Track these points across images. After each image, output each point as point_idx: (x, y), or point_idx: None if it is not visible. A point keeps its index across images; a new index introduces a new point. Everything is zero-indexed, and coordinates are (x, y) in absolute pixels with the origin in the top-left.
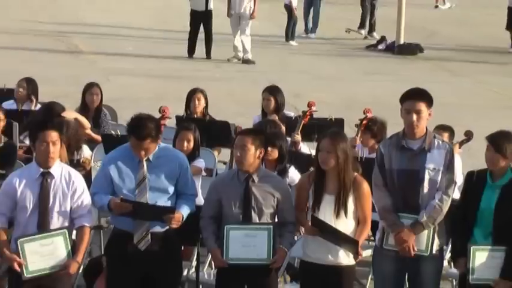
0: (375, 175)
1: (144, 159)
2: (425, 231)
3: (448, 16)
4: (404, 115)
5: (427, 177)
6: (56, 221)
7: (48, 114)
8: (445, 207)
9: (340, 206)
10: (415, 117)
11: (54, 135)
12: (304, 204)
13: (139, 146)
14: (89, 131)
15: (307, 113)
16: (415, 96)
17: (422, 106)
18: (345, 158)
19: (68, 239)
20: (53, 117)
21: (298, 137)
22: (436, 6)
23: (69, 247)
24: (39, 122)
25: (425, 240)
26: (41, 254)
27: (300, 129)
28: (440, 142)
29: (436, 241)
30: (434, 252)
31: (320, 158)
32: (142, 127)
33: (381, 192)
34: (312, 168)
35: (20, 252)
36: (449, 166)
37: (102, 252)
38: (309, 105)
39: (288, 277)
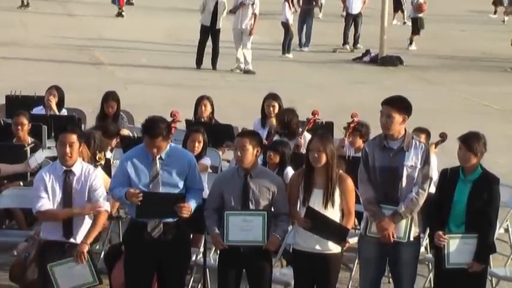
0: (360, 171)
1: (157, 157)
2: (404, 221)
3: (424, 32)
4: (380, 118)
5: (405, 173)
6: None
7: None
8: (421, 200)
9: (328, 198)
10: (385, 120)
11: (71, 137)
12: (295, 198)
13: (152, 144)
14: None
15: (311, 120)
16: (388, 103)
17: (393, 112)
18: (332, 156)
19: (91, 265)
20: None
21: (301, 140)
22: (404, 23)
23: (95, 271)
24: (64, 127)
25: (404, 228)
26: (68, 275)
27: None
28: (417, 142)
29: (413, 229)
30: (411, 239)
31: (311, 157)
32: (155, 127)
33: (365, 186)
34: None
35: (51, 276)
36: (425, 164)
37: (121, 240)
38: (313, 113)
39: (284, 262)
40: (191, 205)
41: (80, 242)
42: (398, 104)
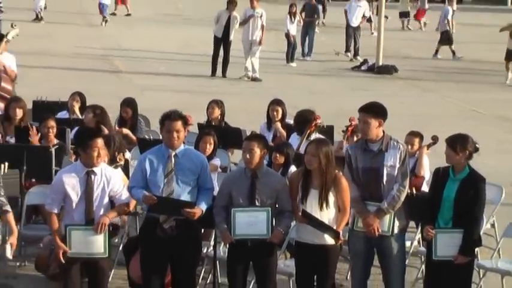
0: (345, 172)
1: (172, 155)
2: (387, 216)
3: (417, 43)
4: (359, 125)
5: (385, 172)
6: (98, 210)
7: None
8: (402, 196)
9: (323, 200)
10: (362, 126)
11: (99, 142)
12: (295, 193)
13: (173, 127)
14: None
15: (313, 124)
16: (364, 110)
17: (368, 118)
18: (326, 161)
19: (108, 237)
20: None
21: (306, 142)
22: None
23: (107, 242)
24: (89, 131)
25: (387, 223)
26: (84, 241)
27: (306, 136)
28: (395, 143)
29: (397, 223)
30: (396, 232)
31: (306, 159)
32: (174, 112)
33: (351, 186)
34: None
35: (67, 236)
36: (403, 162)
37: (138, 233)
38: (315, 118)
39: (288, 254)
40: (202, 207)
41: (102, 214)
42: (373, 110)
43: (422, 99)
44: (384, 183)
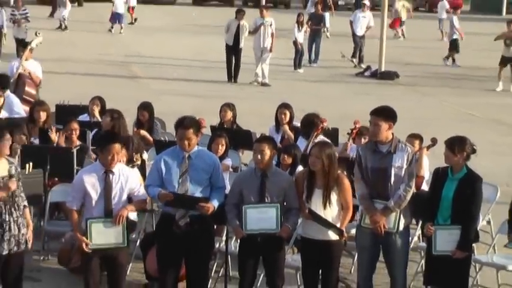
0: (355, 171)
1: (186, 156)
2: (393, 214)
3: (417, 51)
4: (369, 127)
5: (393, 173)
6: (117, 207)
7: None
8: (408, 195)
9: (326, 199)
10: (373, 128)
11: (117, 147)
12: (301, 191)
13: (184, 135)
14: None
15: (319, 127)
16: (375, 113)
17: (379, 121)
18: (329, 162)
19: (125, 226)
20: None
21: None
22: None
23: (126, 233)
24: (107, 136)
25: (393, 221)
26: (103, 233)
27: (313, 139)
28: (403, 146)
29: (402, 221)
30: (401, 229)
31: (310, 161)
32: (187, 120)
33: (359, 184)
34: None
35: (88, 229)
36: (410, 164)
37: (154, 229)
38: (321, 121)
39: (295, 249)
40: (214, 204)
41: (122, 207)
42: (385, 113)
43: (422, 103)
44: (392, 183)
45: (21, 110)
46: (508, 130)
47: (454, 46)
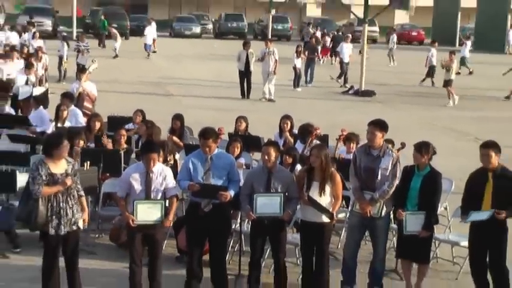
0: (350, 169)
1: (209, 157)
2: (378, 203)
3: (391, 74)
4: (367, 135)
5: (380, 172)
6: (155, 198)
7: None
8: (391, 191)
9: (322, 189)
10: (370, 136)
11: (154, 156)
12: (301, 185)
13: (205, 144)
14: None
15: (313, 134)
16: (373, 124)
17: (376, 130)
18: (326, 161)
19: (163, 207)
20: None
21: (309, 147)
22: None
23: (163, 212)
24: (147, 146)
25: (378, 208)
26: (146, 211)
27: (308, 143)
28: (390, 151)
29: (384, 209)
30: (383, 215)
31: (311, 159)
32: (207, 132)
33: (354, 179)
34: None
35: (134, 208)
36: (394, 166)
37: (184, 214)
38: (315, 129)
39: (295, 229)
40: (231, 193)
41: (165, 219)
42: (380, 124)
43: (394, 115)
44: (378, 180)
45: (82, 120)
46: (460, 136)
47: (431, 72)
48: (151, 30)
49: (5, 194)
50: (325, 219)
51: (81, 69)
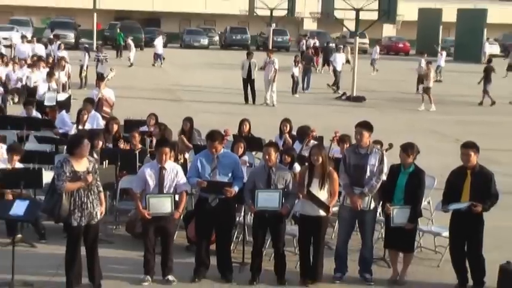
0: (341, 166)
1: (215, 156)
2: (366, 197)
3: (379, 82)
4: (354, 135)
5: (368, 169)
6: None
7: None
8: (378, 185)
9: (321, 185)
10: (358, 136)
11: (167, 150)
12: (303, 182)
13: (212, 146)
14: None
15: (310, 135)
16: (360, 125)
17: (363, 131)
18: (325, 159)
19: (172, 200)
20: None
21: (306, 147)
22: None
23: (173, 204)
24: (160, 141)
25: (366, 202)
26: (158, 204)
27: (305, 143)
28: (376, 150)
29: (373, 202)
30: (371, 208)
31: (312, 158)
32: (214, 135)
33: (344, 175)
34: (306, 164)
35: (147, 201)
36: (380, 163)
37: (193, 207)
38: (312, 131)
39: (292, 222)
40: (235, 189)
41: (176, 211)
42: (367, 126)
43: (382, 119)
44: (366, 176)
45: (101, 123)
46: (441, 138)
47: (421, 80)
48: (160, 42)
49: (32, 189)
50: (322, 212)
51: (100, 78)
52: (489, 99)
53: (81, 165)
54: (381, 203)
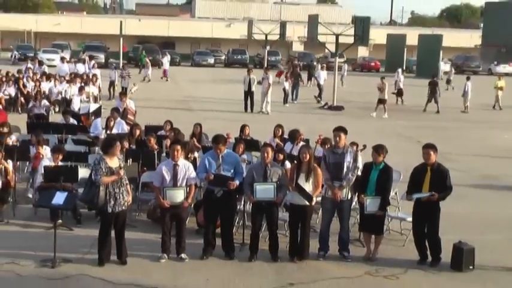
0: (322, 164)
1: (220, 156)
2: (345, 189)
3: (354, 94)
4: (333, 137)
5: (345, 166)
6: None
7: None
8: (353, 179)
9: (307, 179)
10: (337, 139)
11: (178, 147)
12: (292, 176)
13: (217, 147)
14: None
15: (299, 138)
16: (338, 129)
17: (341, 134)
18: (311, 157)
19: (185, 191)
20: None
21: (296, 147)
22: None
23: (185, 194)
24: (173, 142)
25: (345, 193)
26: (174, 195)
27: (295, 144)
28: (351, 149)
29: (349, 193)
30: (348, 198)
31: (302, 156)
32: (218, 138)
33: (325, 172)
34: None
35: (164, 193)
36: (355, 160)
37: (202, 197)
38: (300, 134)
39: (284, 209)
40: (237, 182)
41: (186, 201)
42: (344, 129)
43: (357, 124)
44: (343, 171)
45: (126, 128)
46: (406, 139)
47: (400, 93)
48: (167, 60)
49: (69, 182)
50: (307, 202)
51: (123, 91)
52: (436, 106)
53: (114, 162)
54: (356, 194)
